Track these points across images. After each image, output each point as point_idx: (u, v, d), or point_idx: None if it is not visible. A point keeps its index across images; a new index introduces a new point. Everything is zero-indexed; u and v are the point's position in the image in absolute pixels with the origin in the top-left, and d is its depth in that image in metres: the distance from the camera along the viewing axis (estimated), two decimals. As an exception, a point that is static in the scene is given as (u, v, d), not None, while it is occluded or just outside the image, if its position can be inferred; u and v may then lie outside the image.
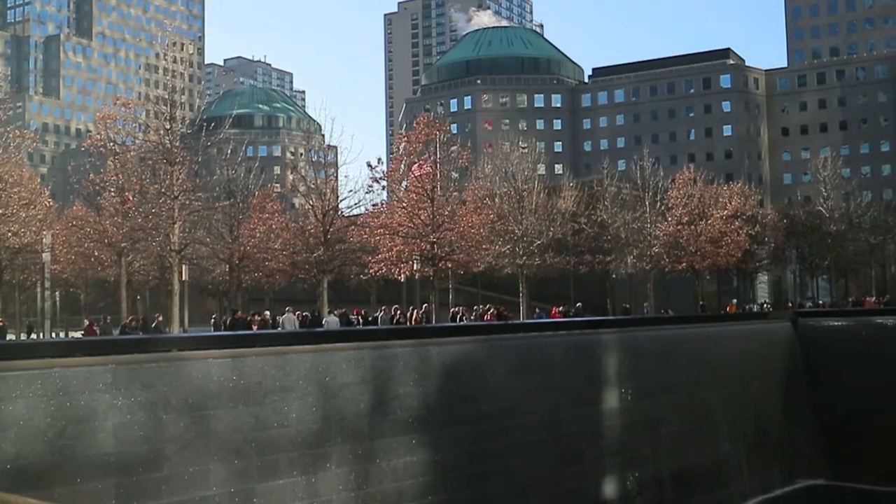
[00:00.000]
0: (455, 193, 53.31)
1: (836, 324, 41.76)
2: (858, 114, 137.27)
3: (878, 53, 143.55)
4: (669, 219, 64.89)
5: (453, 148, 53.58)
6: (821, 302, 77.66)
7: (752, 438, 34.16)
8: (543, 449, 25.58)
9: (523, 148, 75.12)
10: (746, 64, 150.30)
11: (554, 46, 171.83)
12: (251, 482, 18.46)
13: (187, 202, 44.11)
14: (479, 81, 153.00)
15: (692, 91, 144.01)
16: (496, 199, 63.33)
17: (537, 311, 57.37)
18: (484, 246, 52.75)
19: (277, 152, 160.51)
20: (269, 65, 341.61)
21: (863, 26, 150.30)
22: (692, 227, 64.32)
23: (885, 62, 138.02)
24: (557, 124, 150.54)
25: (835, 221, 77.75)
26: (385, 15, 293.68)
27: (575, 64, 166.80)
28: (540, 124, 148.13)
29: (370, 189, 51.19)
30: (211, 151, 53.35)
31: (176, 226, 43.15)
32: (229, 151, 67.02)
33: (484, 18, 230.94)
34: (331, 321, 38.93)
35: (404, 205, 48.62)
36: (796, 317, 42.33)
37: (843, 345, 39.33)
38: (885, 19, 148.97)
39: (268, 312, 42.51)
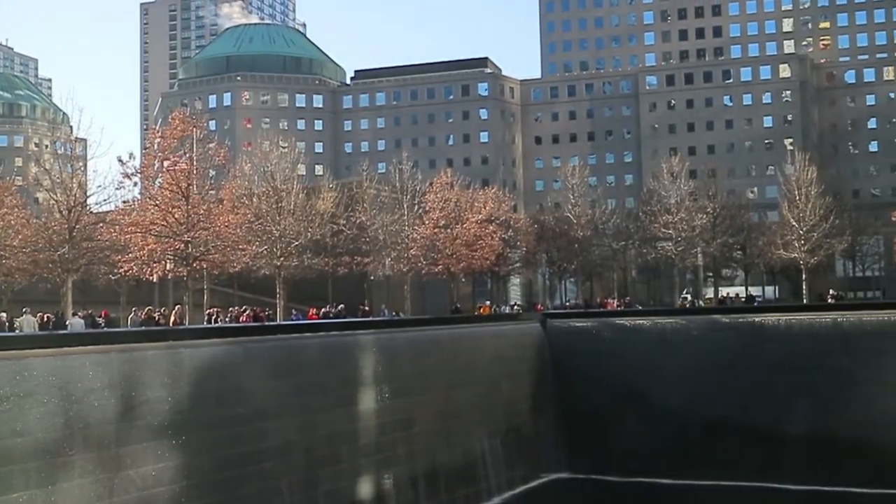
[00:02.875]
0: (211, 192, 51.98)
1: (581, 325, 43.87)
2: (605, 125, 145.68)
3: (622, 70, 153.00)
4: (427, 222, 66.14)
5: (210, 145, 52.20)
6: (568, 303, 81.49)
7: (502, 436, 35.36)
8: (299, 451, 25.41)
9: (283, 147, 74.21)
10: (503, 73, 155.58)
11: (316, 46, 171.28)
12: (-19, 497, 17.27)
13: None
14: (239, 78, 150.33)
15: (451, 97, 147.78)
16: (254, 199, 62.26)
17: (294, 312, 56.97)
18: (241, 246, 51.86)
19: (19, 143, 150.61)
20: (12, 49, 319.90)
21: (610, 43, 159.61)
22: (448, 230, 65.93)
23: (629, 78, 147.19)
24: (318, 125, 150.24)
25: (581, 227, 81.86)
26: (141, 4, 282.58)
27: (337, 65, 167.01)
28: (301, 124, 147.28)
29: (121, 185, 49.21)
30: (-58, 139, 49.55)
31: None
32: (-36, 140, 62.54)
33: (234, 12, 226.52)
34: (75, 323, 37.09)
35: (157, 202, 47.02)
36: (545, 318, 44.19)
37: (588, 345, 41.44)
38: (629, 38, 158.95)
39: (4, 314, 39.91)
